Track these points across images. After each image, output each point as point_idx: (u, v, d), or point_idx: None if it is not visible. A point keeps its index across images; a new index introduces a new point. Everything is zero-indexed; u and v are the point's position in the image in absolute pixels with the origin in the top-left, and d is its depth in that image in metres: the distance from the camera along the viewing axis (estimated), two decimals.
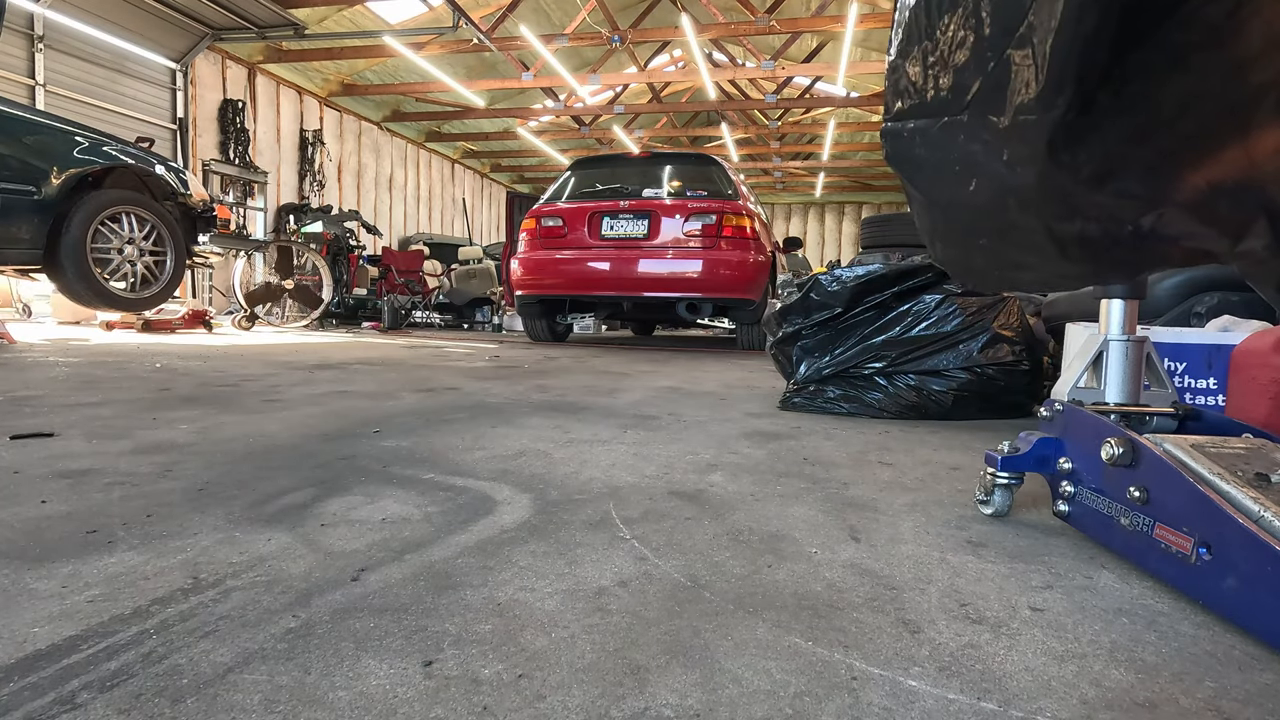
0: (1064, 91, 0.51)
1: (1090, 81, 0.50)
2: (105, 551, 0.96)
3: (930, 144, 0.67)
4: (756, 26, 10.09)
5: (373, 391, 2.59)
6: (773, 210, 22.02)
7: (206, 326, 6.11)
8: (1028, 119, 0.54)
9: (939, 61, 0.62)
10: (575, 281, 5.44)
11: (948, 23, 0.60)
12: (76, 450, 1.54)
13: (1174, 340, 1.86)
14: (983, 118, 0.59)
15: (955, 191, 0.67)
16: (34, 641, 0.71)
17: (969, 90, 0.59)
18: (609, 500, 1.28)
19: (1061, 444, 1.17)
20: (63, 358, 3.47)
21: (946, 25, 0.60)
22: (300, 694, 0.64)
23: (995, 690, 0.68)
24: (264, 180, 11.36)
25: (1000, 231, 0.66)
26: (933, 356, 2.34)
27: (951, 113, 0.62)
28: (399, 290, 9.07)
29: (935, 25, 0.62)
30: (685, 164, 6.04)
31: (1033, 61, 0.52)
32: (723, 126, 15.13)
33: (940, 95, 0.63)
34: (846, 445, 1.86)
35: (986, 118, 0.58)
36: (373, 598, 0.84)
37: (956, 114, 0.62)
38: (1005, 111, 0.56)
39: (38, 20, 8.07)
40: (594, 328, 6.43)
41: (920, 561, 1.02)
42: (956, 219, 0.72)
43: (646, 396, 2.70)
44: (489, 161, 18.53)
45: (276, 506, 1.19)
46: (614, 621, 0.80)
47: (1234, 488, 0.85)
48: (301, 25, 9.67)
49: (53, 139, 4.17)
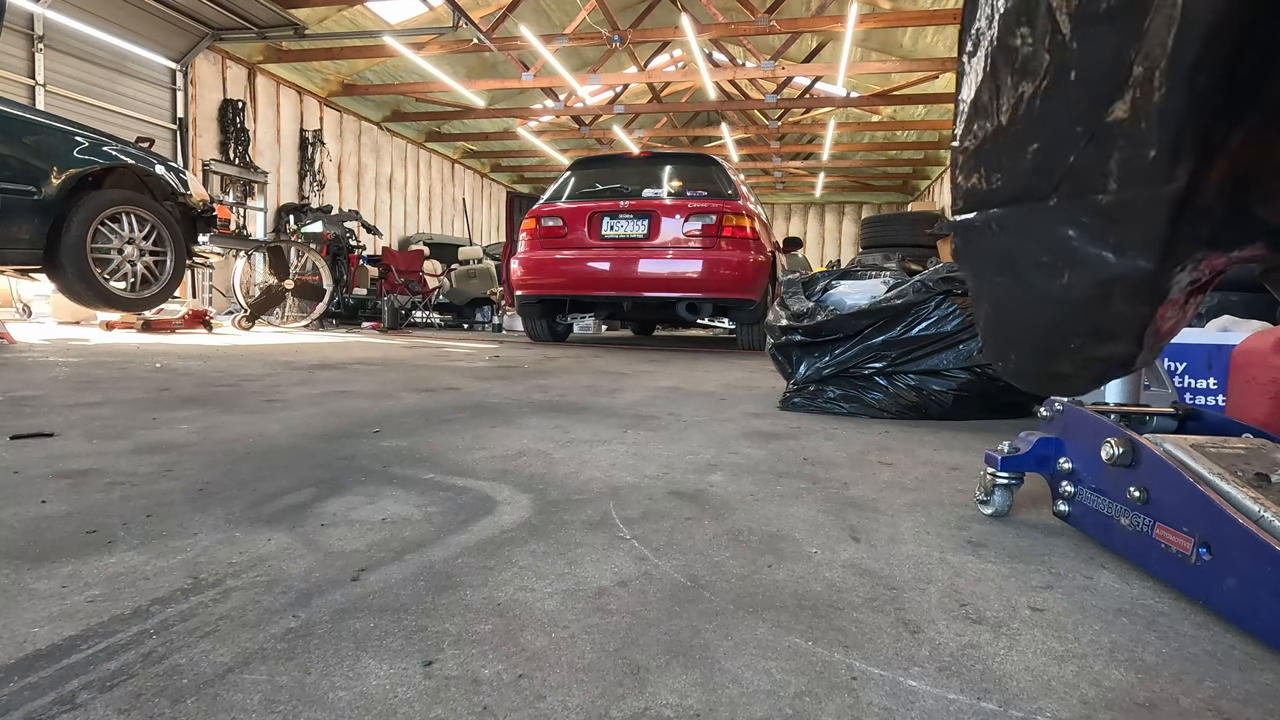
0: (1183, 159, 0.44)
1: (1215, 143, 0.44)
2: (105, 551, 0.96)
3: (1010, 236, 0.59)
4: (756, 26, 10.09)
5: (373, 391, 2.59)
6: (773, 210, 22.02)
7: (206, 326, 6.11)
8: (1139, 197, 0.47)
9: (1014, 140, 0.55)
10: (575, 281, 5.44)
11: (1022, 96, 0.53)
12: (76, 450, 1.54)
13: (1174, 340, 1.86)
14: (1079, 199, 0.51)
15: (1042, 288, 0.58)
16: (34, 641, 0.71)
17: (1058, 169, 0.52)
18: (609, 500, 1.28)
19: (1061, 444, 1.17)
20: (63, 358, 3.47)
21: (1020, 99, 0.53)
22: (300, 694, 0.64)
23: (995, 690, 0.68)
24: (264, 180, 11.36)
25: (1099, 329, 0.56)
26: (933, 356, 2.34)
27: (1038, 196, 0.55)
28: (399, 290, 9.07)
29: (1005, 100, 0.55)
30: (685, 164, 6.04)
31: (1139, 129, 0.45)
32: (723, 126, 15.13)
33: (1019, 178, 0.56)
34: (846, 445, 1.86)
35: (1085, 199, 0.51)
36: (373, 598, 0.84)
37: (1044, 197, 0.54)
38: (1108, 190, 0.49)
39: (38, 20, 8.07)
40: (594, 328, 6.43)
41: (920, 561, 1.02)
42: (1042, 321, 0.61)
43: (646, 396, 2.70)
44: (489, 161, 18.53)
45: (276, 506, 1.19)
46: (614, 621, 0.80)
47: (1234, 488, 0.85)
48: (301, 25, 9.67)
49: (53, 139, 4.17)
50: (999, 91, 0.56)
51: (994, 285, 0.65)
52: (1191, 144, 0.43)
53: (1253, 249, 0.51)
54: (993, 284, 0.65)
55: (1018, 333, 0.65)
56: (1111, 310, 0.53)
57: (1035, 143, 0.54)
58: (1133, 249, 0.49)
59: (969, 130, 0.60)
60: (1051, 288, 0.56)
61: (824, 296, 2.64)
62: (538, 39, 10.30)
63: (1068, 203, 0.52)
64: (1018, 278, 0.60)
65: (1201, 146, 0.43)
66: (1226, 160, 0.44)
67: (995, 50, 0.56)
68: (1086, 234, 0.52)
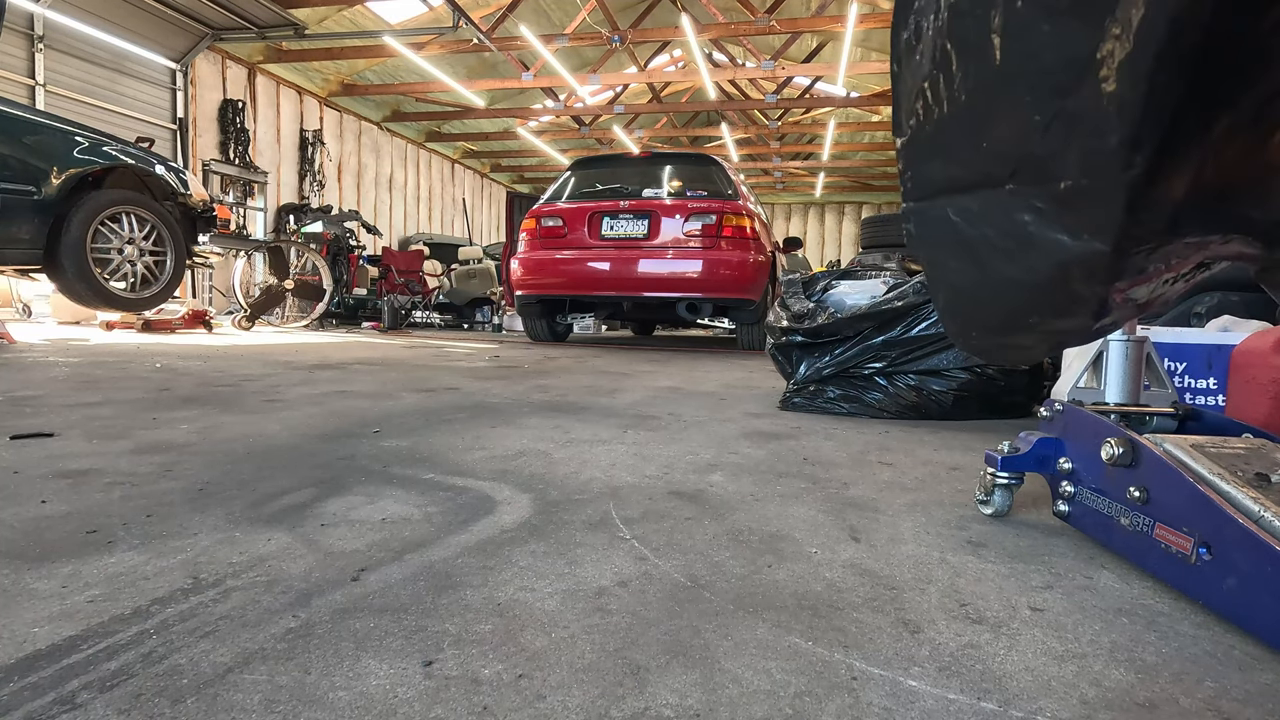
0: (1143, 148, 0.44)
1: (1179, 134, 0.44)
2: (105, 551, 0.96)
3: (967, 221, 0.59)
4: (756, 26, 10.09)
5: (373, 391, 2.59)
6: (773, 210, 22.02)
7: (206, 326, 6.11)
8: (1097, 183, 0.47)
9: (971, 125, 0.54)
10: (575, 281, 5.44)
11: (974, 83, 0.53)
12: (76, 450, 1.54)
13: (1174, 340, 1.86)
14: (1036, 185, 0.51)
15: (999, 271, 0.58)
16: (34, 641, 0.71)
17: (1015, 156, 0.52)
18: (609, 500, 1.28)
19: (1061, 444, 1.17)
20: (63, 358, 3.47)
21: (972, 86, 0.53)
22: (300, 694, 0.64)
23: (995, 690, 0.68)
24: (264, 180, 11.36)
25: (1057, 307, 0.57)
26: (933, 356, 2.34)
27: (994, 183, 0.55)
28: (399, 290, 9.07)
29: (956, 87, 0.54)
30: (685, 164, 6.04)
31: (1099, 117, 0.45)
32: (723, 126, 15.13)
33: (977, 165, 0.56)
34: (846, 445, 1.86)
35: (1041, 185, 0.51)
36: (373, 598, 0.84)
37: (1001, 183, 0.54)
38: (1065, 176, 0.49)
39: (38, 20, 8.06)
40: (594, 328, 6.43)
41: (920, 561, 1.02)
42: (1001, 301, 0.62)
43: (646, 396, 2.70)
44: (489, 161, 18.53)
45: (276, 506, 1.19)
46: (614, 621, 0.80)
47: (1234, 488, 0.85)
48: (301, 25, 9.67)
49: (53, 139, 4.17)
50: (950, 78, 0.55)
51: (951, 269, 0.65)
52: (1152, 133, 0.44)
53: (1242, 244, 0.51)
54: (950, 268, 0.65)
55: (978, 313, 0.67)
56: (1068, 289, 0.54)
57: (990, 129, 0.54)
58: (1089, 232, 0.50)
59: (918, 116, 0.60)
60: (1009, 270, 0.58)
61: (824, 297, 2.64)
62: (538, 39, 10.30)
63: (1025, 189, 0.53)
64: (976, 261, 0.61)
65: (1162, 136, 0.44)
66: (1190, 150, 0.45)
67: (945, 36, 0.55)
68: (1043, 219, 0.52)
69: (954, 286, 0.67)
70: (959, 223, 0.60)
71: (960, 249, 0.62)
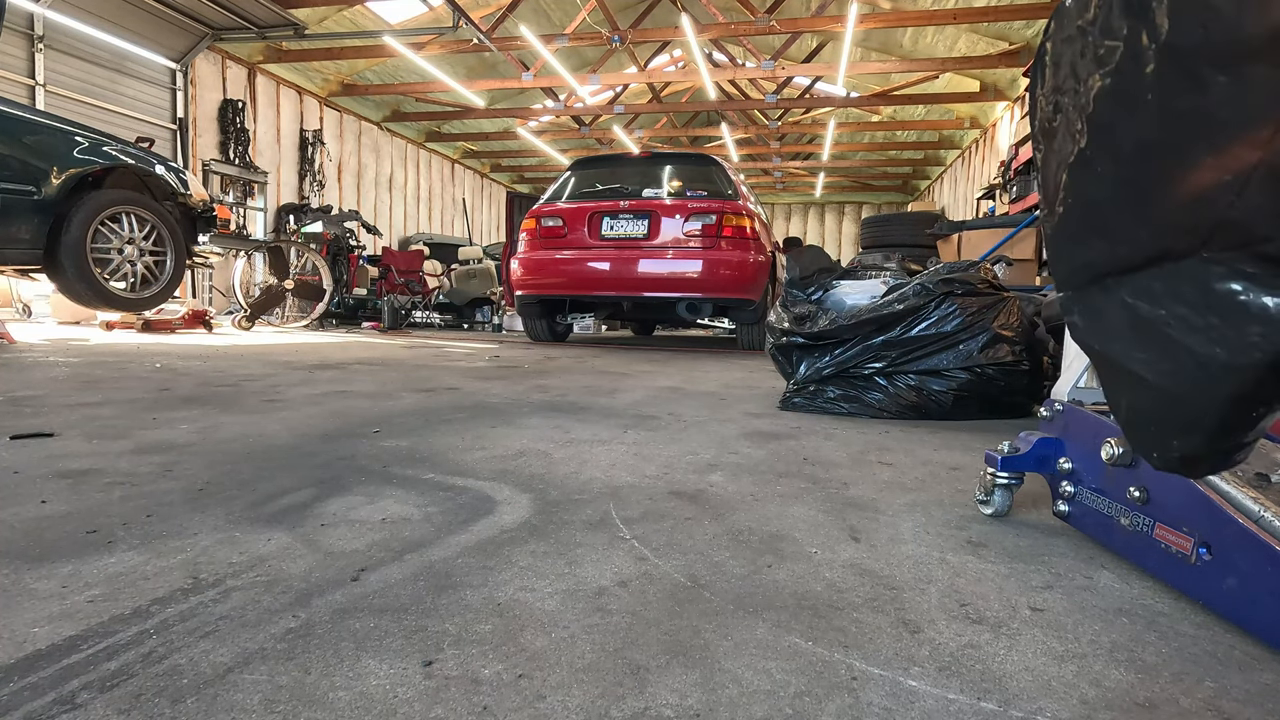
0: None
1: None
2: (105, 551, 0.96)
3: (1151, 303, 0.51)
4: (756, 26, 10.08)
5: (373, 391, 2.59)
6: (773, 210, 22.01)
7: (206, 326, 6.11)
8: None
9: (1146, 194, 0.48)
10: (575, 281, 5.44)
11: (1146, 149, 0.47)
12: (76, 450, 1.54)
13: None
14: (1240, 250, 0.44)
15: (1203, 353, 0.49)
16: (34, 641, 0.71)
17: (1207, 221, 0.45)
18: (609, 500, 1.28)
19: (1061, 444, 1.17)
20: (63, 358, 3.46)
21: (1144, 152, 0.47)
22: (300, 694, 0.64)
23: (995, 690, 0.68)
24: (264, 180, 11.36)
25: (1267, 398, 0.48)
26: (933, 356, 2.34)
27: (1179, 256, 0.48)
28: (399, 290, 9.07)
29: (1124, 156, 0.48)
30: (685, 164, 6.04)
31: None
32: (723, 126, 15.12)
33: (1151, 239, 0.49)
34: (846, 445, 1.86)
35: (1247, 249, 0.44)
36: (373, 598, 0.84)
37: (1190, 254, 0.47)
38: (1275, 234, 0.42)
39: (38, 20, 8.06)
40: (594, 328, 6.44)
41: (920, 561, 1.02)
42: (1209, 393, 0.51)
43: (646, 396, 2.70)
44: (489, 161, 18.53)
45: (276, 506, 1.19)
46: (614, 621, 0.80)
47: (1234, 488, 0.85)
48: (301, 25, 9.66)
49: (53, 139, 4.17)
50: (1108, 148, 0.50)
51: (1136, 361, 0.55)
52: None
53: None
54: (1134, 360, 0.55)
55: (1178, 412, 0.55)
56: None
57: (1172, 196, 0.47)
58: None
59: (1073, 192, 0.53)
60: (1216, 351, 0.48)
61: (824, 297, 2.64)
62: (538, 39, 10.30)
63: (1225, 255, 0.46)
64: (1168, 348, 0.52)
65: None
66: None
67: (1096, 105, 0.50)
68: (1255, 283, 0.45)
69: (1142, 383, 0.56)
70: (1140, 305, 0.52)
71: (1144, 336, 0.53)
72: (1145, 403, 0.56)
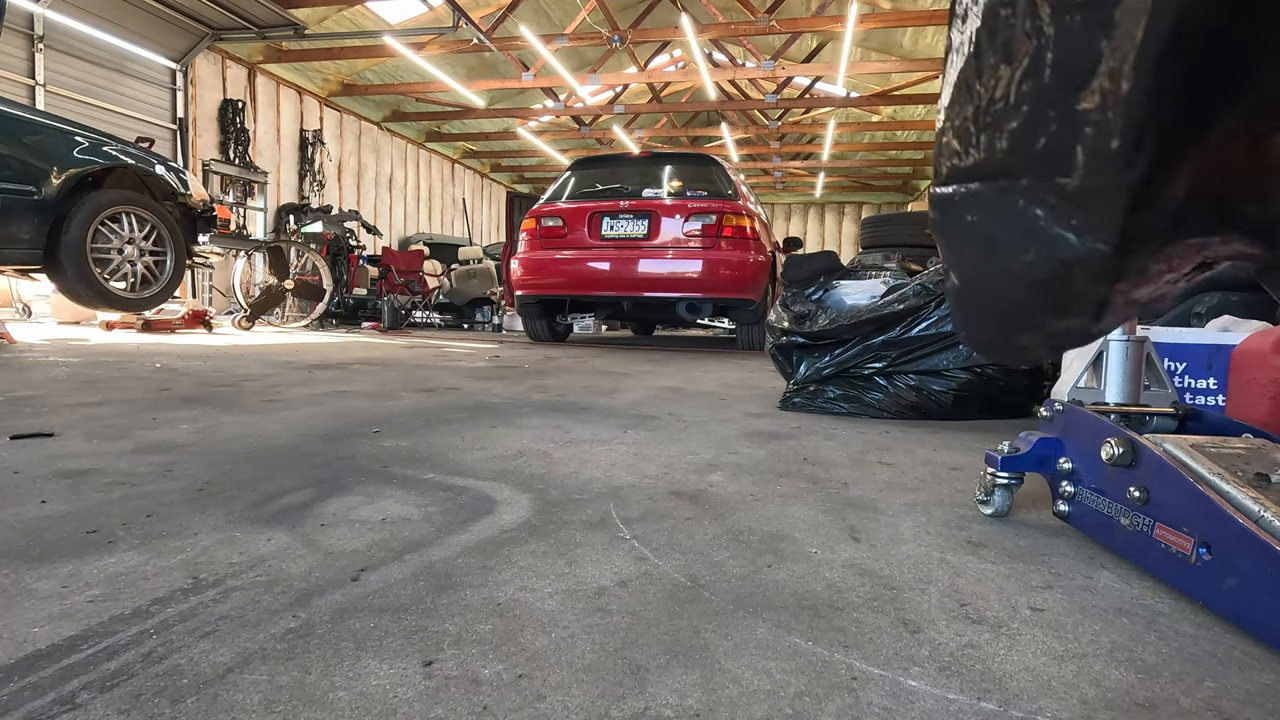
0: (1144, 150, 0.45)
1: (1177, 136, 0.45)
2: (105, 551, 0.96)
3: (984, 211, 0.61)
4: (756, 26, 10.09)
5: (372, 391, 2.59)
6: (773, 210, 22.01)
7: (206, 326, 6.11)
8: (1100, 184, 0.48)
9: (994, 118, 0.56)
10: (575, 281, 5.44)
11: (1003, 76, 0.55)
12: (76, 450, 1.54)
13: (1174, 340, 1.86)
14: (1048, 181, 0.53)
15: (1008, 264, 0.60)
16: (34, 641, 0.71)
17: (1030, 150, 0.54)
18: (609, 500, 1.28)
19: (1061, 444, 1.17)
20: (63, 358, 3.47)
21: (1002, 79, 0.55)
22: (300, 694, 0.64)
23: (995, 690, 0.68)
24: (264, 180, 11.36)
25: (1059, 305, 0.58)
26: (933, 356, 2.34)
27: (1011, 176, 0.56)
28: (399, 290, 9.07)
29: (989, 79, 0.56)
30: (685, 164, 6.04)
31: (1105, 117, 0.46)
32: (723, 126, 15.13)
33: (997, 156, 0.57)
34: (846, 445, 1.86)
35: (1052, 182, 0.52)
36: (373, 598, 0.84)
37: (1019, 177, 0.56)
38: (1073, 174, 0.50)
39: (38, 20, 8.06)
40: (594, 328, 6.44)
41: (920, 561, 1.02)
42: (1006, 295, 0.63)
43: (646, 396, 2.70)
44: (489, 161, 18.53)
45: (276, 506, 1.19)
46: (614, 621, 0.80)
47: (1234, 488, 0.85)
48: (301, 25, 9.67)
49: (53, 139, 4.17)
50: (983, 68, 0.57)
51: (965, 257, 0.67)
52: (1154, 136, 0.45)
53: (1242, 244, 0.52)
54: (964, 255, 0.67)
55: (983, 305, 0.68)
56: (1071, 288, 0.56)
57: (1013, 122, 0.55)
58: (1092, 232, 0.51)
59: (955, 103, 0.62)
60: (1017, 264, 0.59)
61: (824, 297, 2.64)
62: (538, 39, 10.30)
63: (1037, 183, 0.54)
64: (988, 251, 0.63)
65: (1165, 139, 0.45)
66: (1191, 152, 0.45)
67: (981, 26, 0.57)
68: (1052, 215, 0.54)
69: (965, 275, 0.68)
70: (978, 211, 0.62)
71: (976, 238, 0.63)
72: (963, 290, 0.69)
